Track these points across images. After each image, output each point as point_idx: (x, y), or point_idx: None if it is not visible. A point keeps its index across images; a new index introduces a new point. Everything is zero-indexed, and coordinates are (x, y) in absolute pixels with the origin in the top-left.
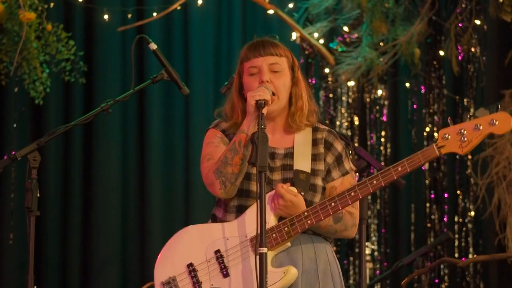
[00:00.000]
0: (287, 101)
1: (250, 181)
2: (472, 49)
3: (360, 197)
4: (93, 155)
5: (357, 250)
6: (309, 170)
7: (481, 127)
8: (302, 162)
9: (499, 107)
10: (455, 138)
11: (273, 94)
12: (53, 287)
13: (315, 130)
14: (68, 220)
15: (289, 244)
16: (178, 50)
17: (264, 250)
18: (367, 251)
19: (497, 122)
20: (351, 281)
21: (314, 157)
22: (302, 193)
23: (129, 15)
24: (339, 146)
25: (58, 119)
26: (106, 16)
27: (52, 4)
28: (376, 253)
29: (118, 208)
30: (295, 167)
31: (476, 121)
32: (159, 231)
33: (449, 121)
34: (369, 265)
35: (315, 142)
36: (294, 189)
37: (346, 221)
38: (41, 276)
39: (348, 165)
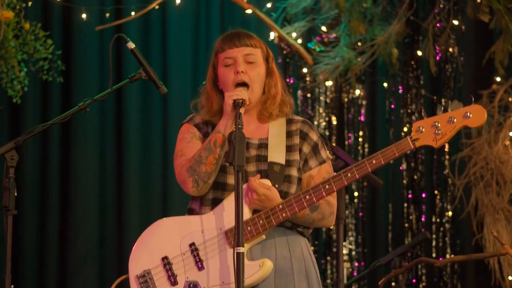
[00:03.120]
0: (261, 92)
1: (225, 173)
2: (450, 49)
3: (335, 189)
4: (71, 154)
5: (334, 250)
6: (283, 162)
7: (455, 120)
8: (277, 154)
9: (473, 100)
10: (430, 131)
11: (246, 84)
12: (31, 286)
13: (289, 122)
14: (46, 219)
15: (263, 236)
16: (156, 49)
17: (242, 249)
18: (345, 251)
19: (471, 115)
20: (328, 281)
21: (289, 149)
22: (276, 186)
23: (107, 14)
24: (314, 135)
25: (35, 118)
26: (84, 15)
27: (30, 3)
28: (353, 253)
29: (95, 206)
30: (269, 160)
31: (450, 114)
32: (137, 229)
33: (423, 113)
34: (346, 265)
35: (289, 134)
36: (267, 182)
37: (323, 210)
38: (19, 275)
39: (324, 153)
